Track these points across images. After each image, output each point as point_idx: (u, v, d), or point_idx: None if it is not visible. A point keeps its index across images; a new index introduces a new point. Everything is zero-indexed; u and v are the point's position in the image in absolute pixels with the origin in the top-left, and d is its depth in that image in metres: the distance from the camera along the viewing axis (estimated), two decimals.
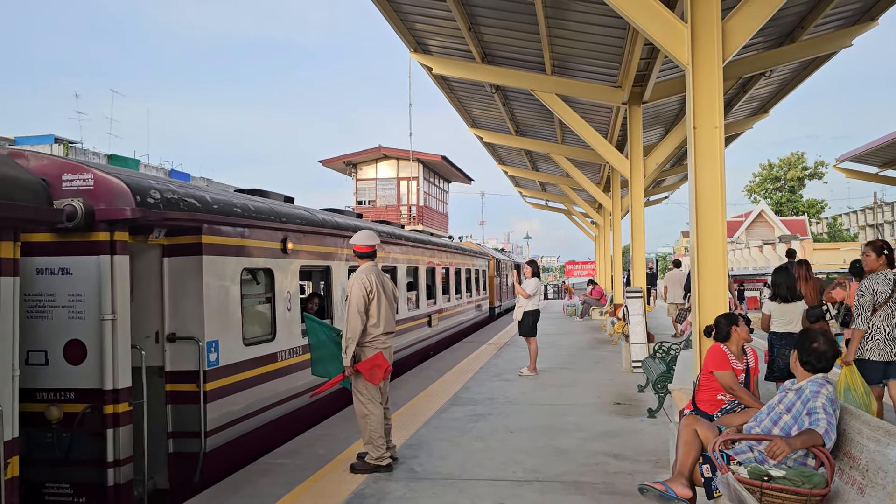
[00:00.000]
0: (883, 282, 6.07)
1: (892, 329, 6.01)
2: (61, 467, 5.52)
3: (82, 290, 5.57)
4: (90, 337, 5.55)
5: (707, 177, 5.88)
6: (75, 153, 29.94)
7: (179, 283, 6.45)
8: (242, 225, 7.25)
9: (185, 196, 6.33)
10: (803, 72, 13.74)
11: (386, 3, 10.20)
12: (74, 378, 5.56)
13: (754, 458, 4.11)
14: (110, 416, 5.54)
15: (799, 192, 71.52)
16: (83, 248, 5.57)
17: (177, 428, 6.41)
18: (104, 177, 5.63)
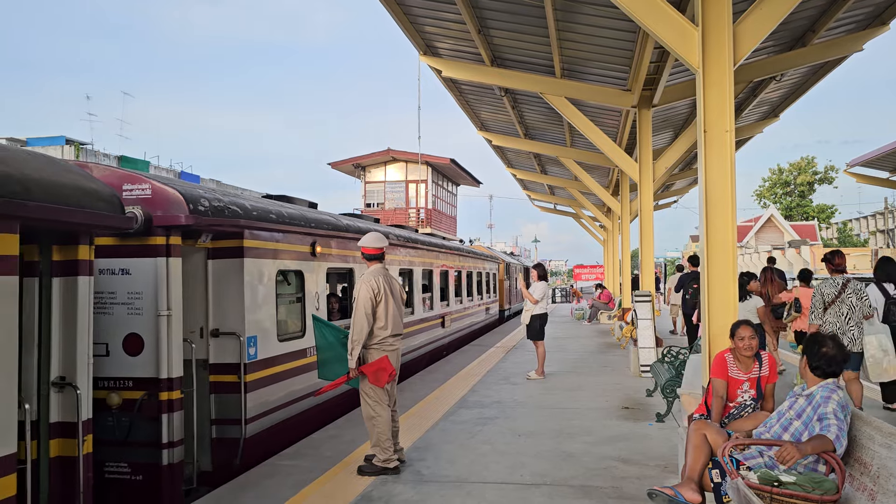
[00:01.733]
0: (830, 286, 7.52)
1: (841, 324, 7.35)
2: (120, 448, 6.06)
3: (140, 289, 6.13)
4: (147, 331, 6.10)
5: (717, 181, 5.85)
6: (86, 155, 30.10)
7: (222, 283, 7.07)
8: (277, 230, 7.86)
9: (229, 204, 6.94)
10: (814, 76, 13.67)
11: (396, 6, 10.22)
12: (133, 368, 6.11)
13: (764, 463, 4.09)
14: (165, 402, 6.08)
15: (809, 197, 71.18)
16: (142, 250, 6.13)
17: (219, 415, 7.00)
18: (161, 187, 6.21)
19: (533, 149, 19.00)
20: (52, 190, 4.44)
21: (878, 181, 21.71)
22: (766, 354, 5.38)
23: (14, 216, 4.05)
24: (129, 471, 6.08)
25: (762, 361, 5.31)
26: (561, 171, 23.18)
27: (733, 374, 5.26)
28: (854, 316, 7.39)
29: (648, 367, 10.77)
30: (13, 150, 4.75)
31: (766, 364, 5.31)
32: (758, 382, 5.25)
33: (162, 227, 6.13)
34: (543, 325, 11.74)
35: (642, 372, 11.32)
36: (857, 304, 7.41)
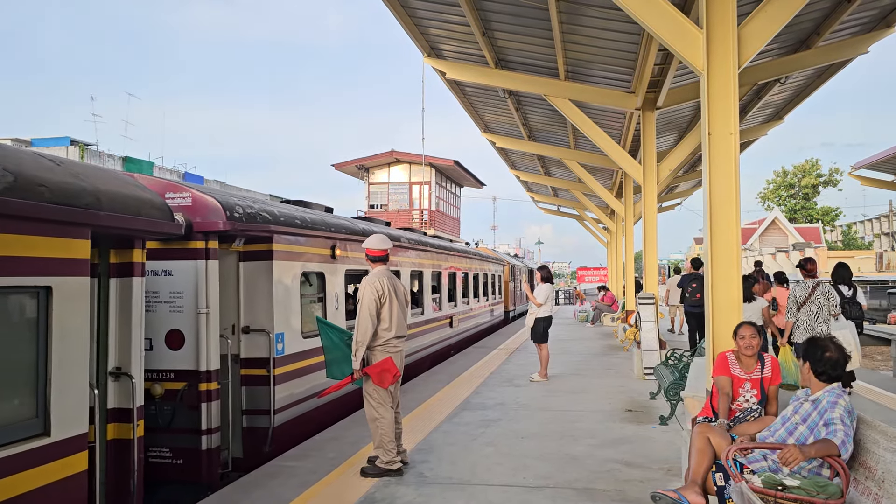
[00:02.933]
0: (802, 288, 8.74)
1: (811, 321, 8.54)
2: (163, 434, 6.58)
3: (181, 289, 6.68)
4: (188, 327, 6.66)
5: (721, 183, 5.84)
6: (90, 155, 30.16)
7: (253, 283, 7.61)
8: (302, 235, 8.41)
9: (260, 211, 7.53)
10: (818, 78, 13.65)
11: (401, 9, 10.23)
12: (174, 361, 6.67)
13: (768, 467, 4.08)
14: (204, 392, 6.65)
15: (813, 200, 71.06)
16: (183, 254, 6.67)
17: (250, 406, 7.52)
18: (200, 196, 6.76)
19: (537, 151, 18.99)
20: (117, 200, 4.99)
21: (883, 184, 21.68)
22: (769, 356, 5.37)
23: (87, 224, 4.62)
24: (171, 455, 6.61)
25: (764, 363, 5.30)
26: (565, 172, 23.17)
27: (735, 372, 5.27)
28: (822, 314, 8.58)
29: (652, 369, 10.75)
30: (86, 165, 5.40)
31: (769, 365, 5.30)
32: (760, 384, 5.24)
33: (201, 233, 6.63)
34: (547, 328, 11.72)
35: (646, 374, 11.30)
36: (824, 304, 8.60)
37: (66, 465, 4.43)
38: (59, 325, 4.39)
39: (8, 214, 3.97)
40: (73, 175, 4.71)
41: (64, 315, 4.44)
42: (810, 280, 8.87)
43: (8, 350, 4.18)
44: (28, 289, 4.22)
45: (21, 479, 4.05)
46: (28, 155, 4.61)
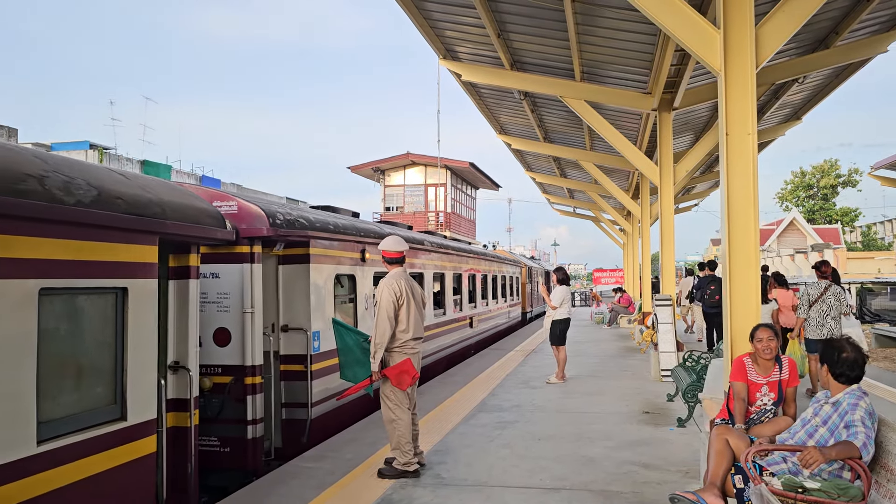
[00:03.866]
0: (815, 287, 9.36)
1: (822, 318, 9.18)
2: (211, 425, 7.02)
3: (228, 290, 7.16)
4: (234, 325, 7.13)
5: (739, 184, 5.81)
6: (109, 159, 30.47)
7: (291, 285, 8.11)
8: (335, 239, 8.90)
9: (298, 217, 8.01)
10: (837, 78, 13.54)
11: (416, 11, 10.26)
12: (222, 356, 7.13)
13: (788, 469, 4.05)
14: (250, 385, 7.11)
15: (832, 200, 70.29)
16: (229, 258, 7.14)
17: (289, 399, 8.01)
18: (246, 204, 7.27)
19: (552, 152, 18.96)
20: (179, 210, 5.53)
21: None
22: (787, 358, 5.32)
23: (156, 232, 5.16)
24: (219, 444, 7.07)
25: (782, 365, 5.26)
26: (580, 174, 23.11)
27: (752, 378, 5.22)
28: (832, 312, 9.21)
29: (669, 371, 10.70)
30: (151, 178, 5.95)
31: (787, 367, 5.25)
32: (779, 386, 5.20)
33: (247, 238, 7.10)
34: (564, 330, 11.68)
35: (663, 376, 11.24)
36: (834, 303, 9.24)
37: (140, 446, 4.97)
38: (133, 322, 4.94)
39: (94, 224, 4.52)
40: (141, 188, 5.25)
41: (137, 313, 5.00)
42: (823, 281, 9.45)
43: (92, 344, 4.74)
44: (108, 290, 4.78)
45: (104, 457, 4.60)
46: (104, 170, 5.12)
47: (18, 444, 3.93)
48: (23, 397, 3.97)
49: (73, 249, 4.39)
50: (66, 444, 4.31)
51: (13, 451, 3.89)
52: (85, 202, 4.45)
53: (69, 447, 4.33)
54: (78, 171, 4.64)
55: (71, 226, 4.36)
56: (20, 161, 4.17)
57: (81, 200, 4.44)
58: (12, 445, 3.89)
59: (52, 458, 4.18)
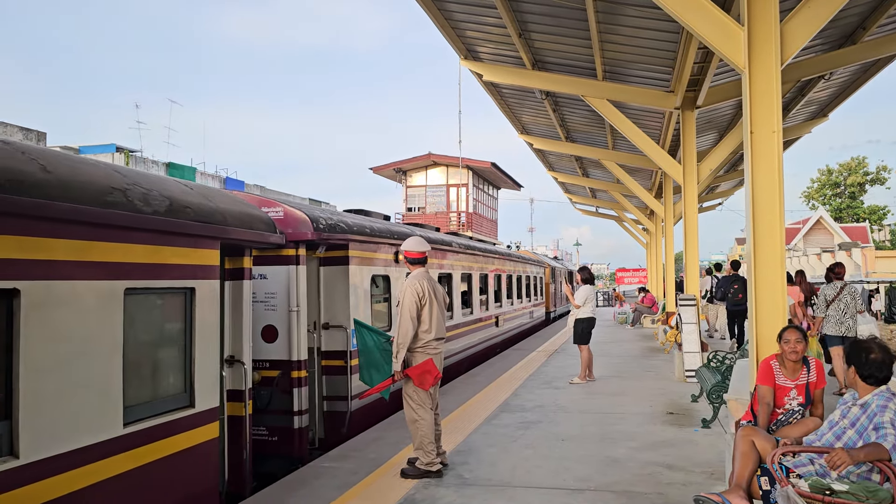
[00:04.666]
0: (831, 288, 9.95)
1: (840, 316, 9.77)
2: (260, 415, 7.41)
3: (275, 290, 7.67)
4: (281, 323, 7.63)
5: (764, 182, 5.74)
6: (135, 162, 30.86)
7: (332, 285, 8.59)
8: (372, 242, 9.37)
9: (338, 222, 8.54)
10: (864, 74, 13.33)
11: (437, 12, 10.28)
12: (269, 352, 7.62)
13: (815, 471, 4.00)
14: (295, 378, 7.62)
15: (860, 198, 69.23)
16: (277, 260, 7.63)
17: (329, 393, 8.45)
18: (291, 210, 7.75)
19: (574, 152, 18.88)
20: (236, 217, 6.02)
21: None
22: (815, 360, 5.25)
23: (218, 237, 5.66)
24: (267, 433, 7.56)
25: (810, 367, 5.19)
26: (603, 173, 23.00)
27: (780, 382, 5.15)
28: (849, 310, 9.79)
29: (693, 371, 10.61)
30: (213, 189, 6.54)
31: (815, 369, 5.18)
32: (806, 388, 5.13)
33: (293, 242, 7.51)
34: (587, 329, 11.62)
35: (687, 377, 11.15)
36: (851, 302, 9.84)
37: (206, 431, 5.46)
38: (199, 319, 5.45)
39: (168, 231, 5.02)
40: (204, 197, 5.74)
41: (203, 310, 5.49)
42: (839, 281, 10.08)
43: (166, 338, 5.31)
44: (179, 289, 5.29)
45: (177, 440, 5.09)
46: (172, 182, 5.63)
47: (109, 425, 4.44)
48: (112, 384, 4.49)
49: (151, 253, 4.91)
50: (147, 427, 4.80)
51: (105, 431, 4.40)
52: (160, 211, 4.96)
53: (149, 430, 4.82)
54: (152, 184, 5.17)
55: (149, 232, 4.86)
56: (106, 175, 4.67)
57: (157, 210, 4.93)
58: (104, 427, 4.40)
59: (136, 439, 4.67)
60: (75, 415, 4.18)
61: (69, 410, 4.14)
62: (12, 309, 3.83)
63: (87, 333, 4.29)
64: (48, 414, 3.99)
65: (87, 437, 4.25)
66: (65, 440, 4.10)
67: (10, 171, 3.85)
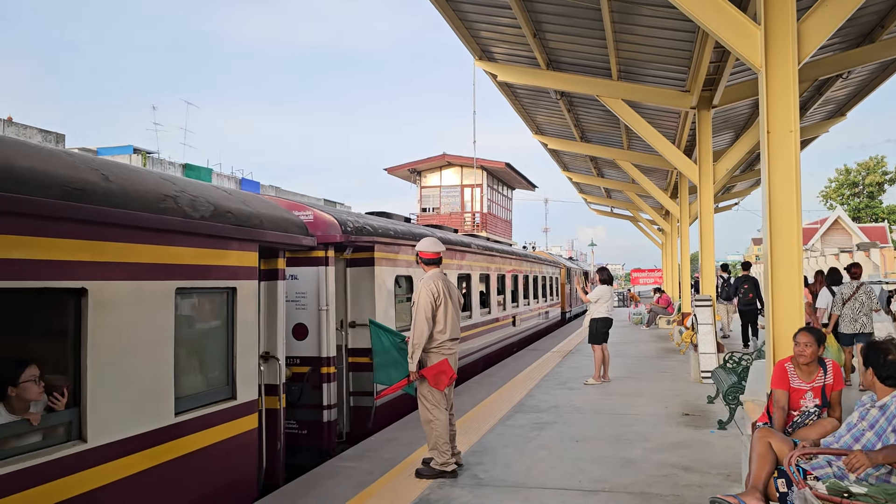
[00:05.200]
0: (848, 287, 10.34)
1: (854, 314, 10.12)
2: (291, 409, 7.58)
3: (305, 290, 7.97)
4: (311, 321, 7.95)
5: (781, 182, 5.70)
6: (152, 163, 31.11)
7: (358, 286, 8.91)
8: (395, 244, 9.63)
9: (364, 225, 8.87)
10: (883, 73, 13.21)
11: (452, 13, 10.29)
12: (300, 349, 7.93)
13: (833, 473, 3.97)
14: (325, 374, 7.92)
15: (878, 198, 68.45)
16: (307, 261, 7.95)
17: (356, 389, 8.71)
18: (321, 213, 8.09)
19: (589, 152, 18.83)
20: (272, 220, 6.33)
21: None
22: (831, 362, 5.20)
23: (257, 240, 5.98)
24: (297, 426, 7.84)
25: (826, 369, 5.14)
26: (618, 173, 22.91)
27: (795, 385, 5.10)
28: (864, 309, 10.14)
29: (709, 373, 10.55)
30: (250, 194, 6.91)
31: (831, 372, 5.13)
32: (822, 391, 5.08)
33: (322, 244, 7.80)
34: (602, 329, 11.61)
35: (703, 378, 11.09)
36: (866, 301, 10.17)
37: (246, 422, 5.82)
38: (240, 317, 5.80)
39: (213, 234, 5.37)
40: (243, 202, 6.09)
41: (243, 309, 5.84)
42: (855, 281, 10.46)
43: (211, 334, 5.71)
44: (222, 289, 5.64)
45: (221, 429, 5.44)
46: (214, 188, 6.00)
47: (162, 414, 4.78)
48: (165, 376, 4.83)
49: (198, 255, 5.25)
50: (195, 417, 5.14)
51: (159, 420, 4.75)
52: (206, 216, 5.29)
53: (197, 420, 5.16)
54: (198, 191, 5.51)
55: (196, 236, 5.21)
56: (158, 183, 5.03)
57: (203, 215, 5.26)
58: (158, 415, 4.75)
59: (185, 428, 5.01)
60: (134, 404, 4.54)
61: (128, 400, 4.49)
62: (80, 306, 4.17)
63: (143, 329, 4.66)
64: (111, 402, 4.34)
65: (145, 424, 4.61)
66: (125, 427, 4.45)
67: (79, 180, 4.17)
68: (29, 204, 3.75)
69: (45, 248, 3.89)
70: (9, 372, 3.96)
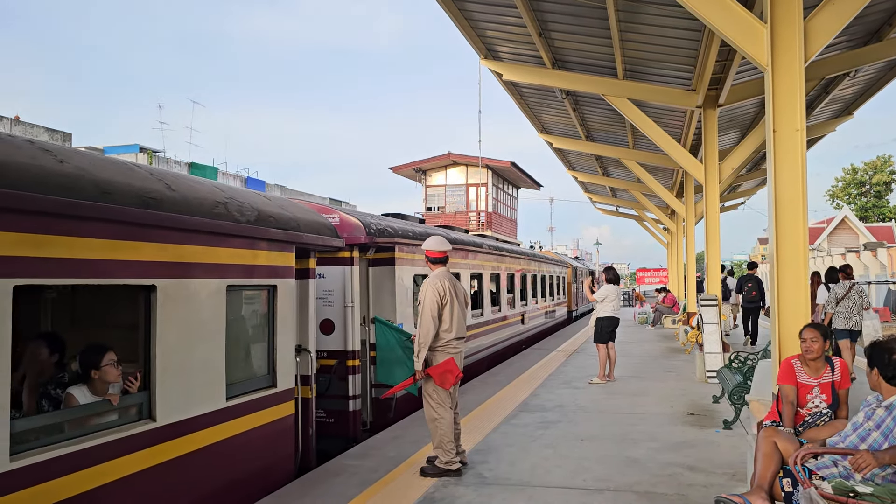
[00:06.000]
0: (841, 287, 11.04)
1: (848, 312, 10.81)
2: (319, 399, 7.90)
3: (332, 288, 8.55)
4: (337, 317, 8.51)
5: (788, 181, 5.69)
6: (158, 162, 31.18)
7: (379, 284, 9.42)
8: (414, 244, 9.99)
9: (386, 227, 9.40)
10: (890, 71, 13.15)
11: (457, 11, 10.29)
12: (327, 343, 8.42)
13: (838, 473, 3.96)
14: (350, 366, 8.45)
15: (885, 198, 68.16)
16: (334, 261, 8.49)
17: (378, 381, 8.56)
18: (346, 216, 8.68)
19: (595, 151, 18.81)
20: (307, 224, 6.82)
21: None
22: (838, 360, 5.19)
23: (294, 242, 6.47)
24: (325, 415, 8.31)
25: (834, 366, 5.14)
26: (623, 172, 22.88)
27: (802, 380, 5.11)
28: (856, 307, 10.86)
29: (715, 372, 10.52)
30: (286, 199, 7.48)
31: (839, 369, 5.12)
32: (831, 388, 5.08)
33: (348, 245, 8.21)
34: (607, 328, 11.60)
35: (708, 377, 11.07)
36: (858, 300, 10.90)
37: (285, 408, 6.37)
38: (280, 312, 6.30)
39: (258, 237, 5.89)
40: (281, 207, 6.58)
41: (282, 305, 6.33)
42: (847, 281, 11.20)
43: (255, 327, 6.23)
44: (265, 287, 6.16)
45: (264, 414, 5.99)
46: (255, 195, 6.48)
47: (215, 398, 5.35)
48: (219, 364, 5.38)
49: (245, 256, 5.78)
50: (243, 402, 5.70)
51: (214, 403, 5.32)
52: (251, 220, 5.79)
53: (245, 404, 5.72)
54: (244, 197, 6.02)
55: (244, 238, 5.73)
56: (211, 191, 5.56)
57: (249, 219, 5.77)
58: (213, 399, 5.32)
59: (235, 411, 5.58)
60: (194, 388, 5.10)
61: (189, 385, 5.05)
62: (149, 301, 4.74)
63: (202, 322, 5.20)
64: (175, 387, 4.90)
65: (202, 407, 5.18)
66: (187, 409, 5.02)
67: (152, 190, 4.74)
68: (117, 212, 4.31)
69: (127, 250, 4.49)
70: (92, 356, 4.57)
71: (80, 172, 4.18)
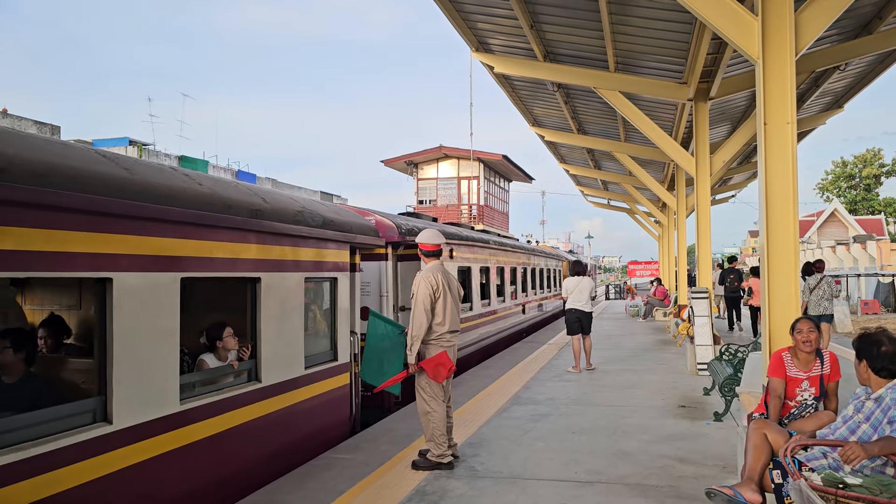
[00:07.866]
0: (813, 279, 12.45)
1: (819, 300, 12.32)
2: None
3: (369, 280, 10.01)
4: (373, 305, 9.74)
5: (778, 174, 5.70)
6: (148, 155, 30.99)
7: (406, 277, 10.44)
8: None
9: (413, 227, 10.53)
10: (880, 65, 13.20)
11: (448, 4, 10.25)
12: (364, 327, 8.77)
13: (828, 464, 3.98)
14: None
15: (875, 191, 68.58)
16: (372, 257, 9.96)
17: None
18: (381, 219, 9.93)
19: (586, 144, 18.82)
20: (357, 226, 8.02)
21: None
22: (829, 352, 5.21)
23: (349, 242, 7.75)
24: (363, 389, 8.82)
25: (823, 359, 5.15)
26: (615, 166, 22.91)
27: (792, 374, 5.12)
28: (826, 296, 12.38)
29: (706, 364, 10.57)
30: (338, 205, 8.95)
31: (828, 362, 5.14)
32: (820, 381, 5.10)
33: (384, 243, 9.33)
34: (573, 320, 11.99)
35: (699, 370, 11.12)
36: (826, 289, 12.41)
37: (343, 379, 7.73)
38: (339, 299, 7.61)
39: (325, 238, 7.17)
40: (335, 212, 7.79)
41: (341, 293, 7.67)
42: (818, 274, 12.62)
43: (321, 313, 7.54)
44: (329, 279, 7.47)
45: (329, 382, 7.34)
46: (317, 202, 7.70)
47: (297, 367, 6.70)
48: (300, 339, 6.75)
49: (316, 254, 7.06)
50: (315, 371, 7.05)
51: (296, 371, 6.66)
52: (319, 224, 6.99)
53: (316, 373, 7.06)
54: (311, 205, 7.25)
55: (315, 240, 6.98)
56: (291, 202, 6.76)
57: (318, 224, 6.95)
58: (295, 368, 6.66)
59: (310, 378, 6.93)
60: (286, 358, 6.50)
61: (283, 354, 6.45)
62: (255, 290, 6.06)
63: (290, 306, 6.52)
64: (273, 356, 6.27)
65: (290, 373, 6.55)
66: (280, 374, 6.38)
67: (254, 203, 5.94)
68: (236, 222, 5.60)
69: (240, 250, 5.78)
70: (216, 331, 6.05)
71: (213, 192, 5.43)
